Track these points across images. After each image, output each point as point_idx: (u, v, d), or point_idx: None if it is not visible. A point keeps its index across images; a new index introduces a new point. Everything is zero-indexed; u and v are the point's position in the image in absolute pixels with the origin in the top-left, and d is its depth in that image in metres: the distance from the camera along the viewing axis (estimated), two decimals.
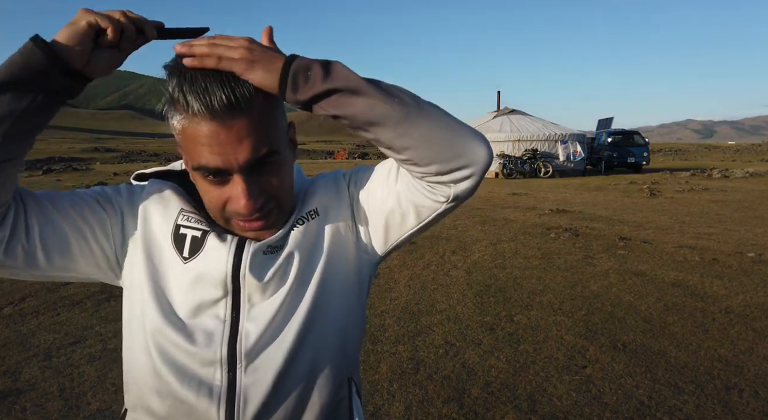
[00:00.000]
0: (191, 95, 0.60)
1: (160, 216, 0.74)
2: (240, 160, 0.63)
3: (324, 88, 0.60)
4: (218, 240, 0.71)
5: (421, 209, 0.73)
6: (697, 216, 7.89)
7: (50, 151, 44.63)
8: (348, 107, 0.61)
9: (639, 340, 3.12)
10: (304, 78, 0.60)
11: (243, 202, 0.65)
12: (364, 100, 0.61)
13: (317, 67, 0.60)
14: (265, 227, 0.70)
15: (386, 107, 0.61)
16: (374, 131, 0.63)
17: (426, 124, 0.63)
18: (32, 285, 4.31)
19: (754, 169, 16.45)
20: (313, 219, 0.76)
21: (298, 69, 0.60)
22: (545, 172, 17.09)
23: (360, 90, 0.60)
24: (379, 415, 2.34)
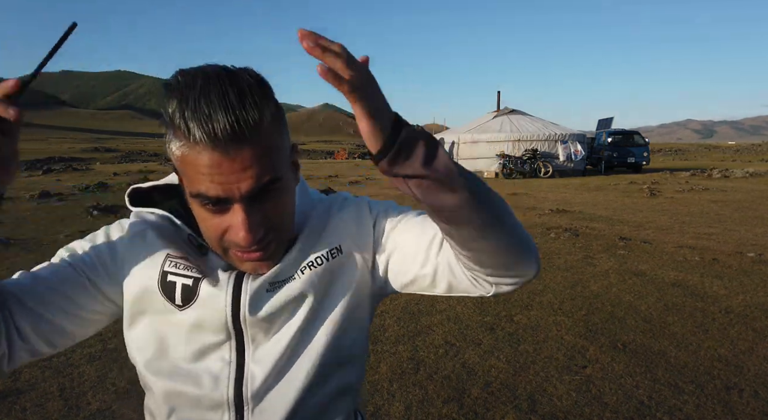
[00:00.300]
0: (193, 122, 0.56)
1: (146, 264, 0.70)
2: (242, 190, 0.60)
3: (421, 173, 0.54)
4: (212, 286, 0.69)
5: (455, 289, 0.72)
6: (697, 216, 7.89)
7: (50, 151, 44.62)
8: (435, 198, 0.56)
9: (639, 340, 3.12)
10: (405, 154, 0.53)
11: (242, 233, 0.62)
12: (454, 198, 0.55)
13: (422, 147, 0.53)
14: (264, 258, 0.67)
15: (472, 213, 0.57)
16: (451, 227, 0.60)
17: (499, 237, 0.61)
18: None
19: (754, 169, 16.45)
20: (334, 258, 0.73)
21: (404, 142, 0.53)
22: (545, 172, 17.10)
23: (455, 187, 0.55)
24: (379, 415, 2.34)
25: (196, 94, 0.56)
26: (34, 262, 0.73)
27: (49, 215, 8.33)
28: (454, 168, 0.54)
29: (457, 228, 0.59)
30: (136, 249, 0.71)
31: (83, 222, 7.72)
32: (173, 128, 0.59)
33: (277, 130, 0.63)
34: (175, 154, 0.61)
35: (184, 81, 0.58)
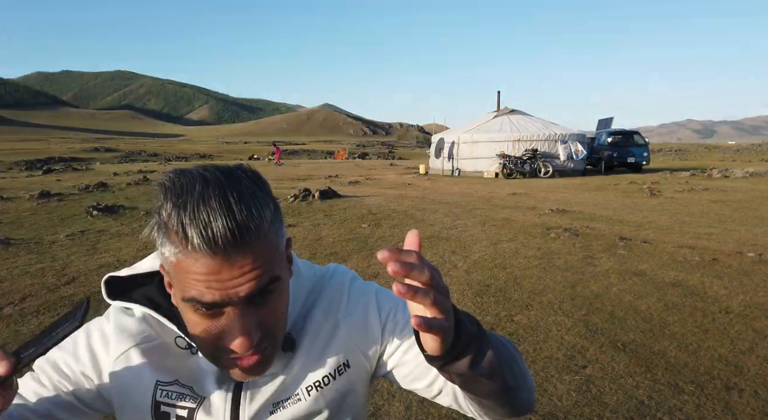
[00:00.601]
0: (192, 229, 0.53)
1: (135, 389, 0.68)
2: (240, 295, 0.57)
3: (467, 373, 0.55)
4: (208, 415, 0.66)
5: (457, 408, 0.73)
6: (697, 216, 7.89)
7: (50, 151, 44.62)
8: (476, 386, 0.58)
9: (639, 340, 3.12)
10: (459, 358, 0.54)
11: (239, 339, 0.58)
12: (494, 385, 0.58)
13: (471, 350, 0.54)
14: (258, 363, 0.62)
15: (507, 392, 0.60)
16: (480, 401, 0.62)
17: (516, 402, 0.64)
18: (32, 285, 4.31)
19: (754, 169, 16.45)
20: (342, 375, 0.71)
21: (461, 349, 0.54)
22: (545, 172, 17.10)
23: (496, 378, 0.57)
24: (379, 415, 2.34)
25: (195, 200, 0.54)
26: (34, 262, 0.72)
27: (49, 215, 8.33)
28: (496, 363, 0.56)
29: (483, 401, 0.62)
30: (122, 372, 0.68)
31: (83, 222, 7.72)
32: (168, 232, 0.56)
33: (275, 229, 0.61)
34: (168, 258, 0.58)
35: (181, 184, 0.56)
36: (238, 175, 0.58)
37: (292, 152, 50.85)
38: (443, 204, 9.66)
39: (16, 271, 4.77)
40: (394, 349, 0.74)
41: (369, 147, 72.91)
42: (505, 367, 0.59)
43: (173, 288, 0.61)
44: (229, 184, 0.56)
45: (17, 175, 20.30)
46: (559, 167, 17.70)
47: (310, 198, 9.88)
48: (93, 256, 5.45)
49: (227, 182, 0.56)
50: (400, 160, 39.20)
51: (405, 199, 10.43)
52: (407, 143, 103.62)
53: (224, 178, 0.56)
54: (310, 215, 8.09)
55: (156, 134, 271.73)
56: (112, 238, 6.54)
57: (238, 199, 0.55)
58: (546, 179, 16.48)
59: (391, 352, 0.74)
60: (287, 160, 38.61)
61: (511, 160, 17.41)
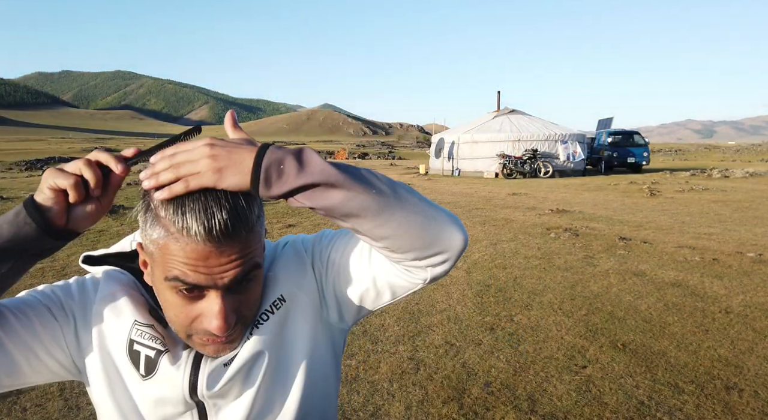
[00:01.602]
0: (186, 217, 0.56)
1: (114, 327, 0.69)
2: (225, 280, 0.60)
3: (299, 183, 0.56)
4: (171, 363, 0.68)
5: (397, 289, 0.73)
6: (697, 216, 7.89)
7: (50, 151, 44.64)
8: (324, 200, 0.58)
9: (639, 340, 3.12)
10: (277, 173, 0.55)
11: (217, 323, 0.61)
12: (341, 193, 0.57)
13: (290, 160, 0.56)
14: (227, 342, 0.66)
15: (364, 198, 0.58)
16: (352, 222, 0.61)
17: (403, 213, 0.61)
18: (32, 285, 4.30)
19: (754, 169, 16.45)
20: (279, 309, 0.72)
21: (270, 164, 0.55)
22: (545, 172, 17.10)
23: (336, 183, 0.57)
24: (379, 415, 2.34)
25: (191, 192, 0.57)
26: None
27: None
28: (329, 167, 0.57)
29: (356, 221, 0.60)
30: (106, 309, 0.70)
31: None
32: (158, 216, 0.59)
33: (261, 221, 0.64)
34: (155, 240, 0.60)
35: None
36: None
37: None
38: (443, 204, 9.67)
39: None
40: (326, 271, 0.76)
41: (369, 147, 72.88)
42: (346, 172, 0.58)
43: (153, 268, 0.63)
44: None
45: (17, 175, 20.30)
46: (559, 167, 17.71)
47: None
48: None
49: None
50: (400, 160, 39.22)
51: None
52: (407, 143, 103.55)
53: None
54: (310, 215, 8.09)
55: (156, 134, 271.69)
56: (112, 238, 6.53)
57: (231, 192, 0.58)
58: (546, 179, 16.49)
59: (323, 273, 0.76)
60: None
61: (511, 160, 17.41)
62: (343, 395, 2.50)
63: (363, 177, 0.59)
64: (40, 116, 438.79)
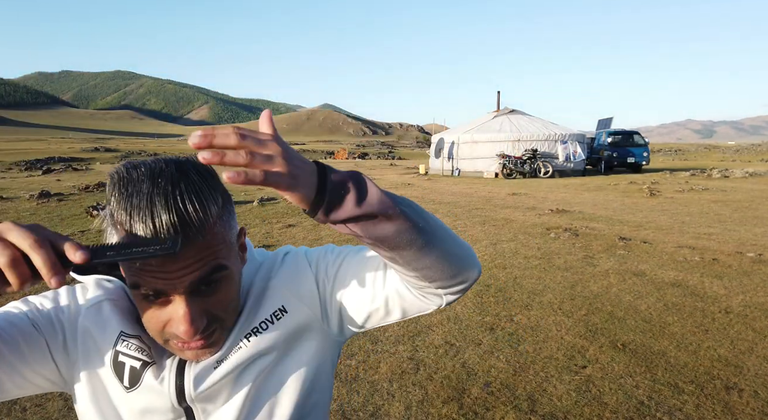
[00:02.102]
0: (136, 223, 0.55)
1: (100, 339, 0.69)
2: (185, 284, 0.59)
3: (357, 213, 0.53)
4: (155, 373, 0.68)
5: (409, 311, 0.74)
6: (696, 216, 7.89)
7: (50, 151, 44.62)
8: (376, 231, 0.56)
9: (639, 340, 3.12)
10: (338, 199, 0.53)
11: (184, 327, 0.60)
12: (394, 226, 0.56)
13: (351, 188, 0.53)
14: (205, 347, 0.65)
15: (413, 232, 0.58)
16: (395, 253, 0.60)
17: (442, 246, 0.63)
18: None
19: (754, 169, 16.46)
20: (279, 320, 0.72)
21: (333, 188, 0.52)
22: (545, 172, 17.10)
23: (393, 215, 0.55)
24: (379, 415, 2.34)
25: (141, 194, 0.55)
26: None
27: (49, 215, 8.32)
28: (386, 199, 0.55)
29: (400, 252, 0.60)
30: (92, 320, 0.69)
31: (83, 222, 7.72)
32: (115, 224, 0.58)
33: (223, 222, 0.62)
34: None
35: (129, 177, 0.57)
36: (187, 169, 0.59)
37: None
38: (443, 204, 9.67)
39: None
40: (331, 286, 0.75)
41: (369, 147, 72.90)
42: (400, 204, 0.57)
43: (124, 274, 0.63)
44: (176, 179, 0.57)
45: (17, 175, 20.30)
46: (559, 167, 17.71)
47: None
48: None
49: (175, 177, 0.57)
50: (400, 160, 39.22)
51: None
52: (407, 143, 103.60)
53: (172, 173, 0.57)
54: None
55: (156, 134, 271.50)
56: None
57: (182, 194, 0.56)
58: (546, 179, 16.49)
59: (329, 289, 0.76)
60: None
61: (511, 160, 17.41)
62: (343, 395, 2.51)
63: (414, 209, 0.60)
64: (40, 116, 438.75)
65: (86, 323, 0.69)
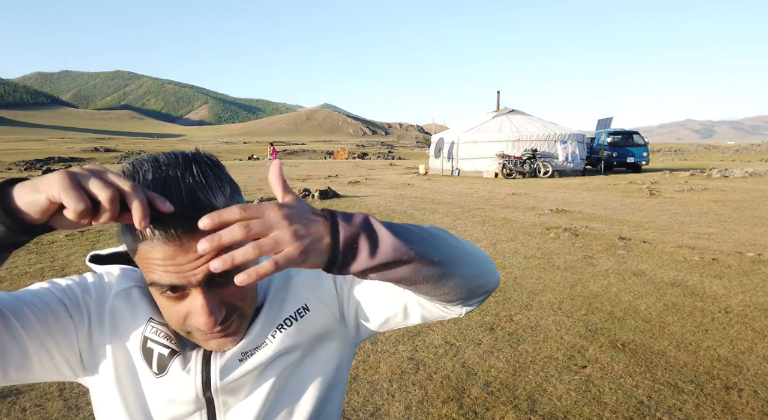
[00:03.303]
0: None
1: (129, 324, 0.70)
2: (199, 277, 0.59)
3: (372, 264, 0.53)
4: (182, 364, 0.69)
5: (428, 317, 0.75)
6: (696, 216, 7.90)
7: (50, 151, 44.59)
8: (393, 275, 0.57)
9: (638, 339, 3.12)
10: (352, 254, 0.52)
11: (203, 319, 0.61)
12: (410, 267, 0.56)
13: (363, 239, 0.53)
14: (227, 336, 0.67)
15: (430, 269, 0.58)
16: (411, 287, 0.62)
17: (458, 274, 0.63)
18: (32, 284, 4.31)
19: (754, 169, 16.46)
20: (302, 317, 0.74)
21: (346, 245, 0.52)
22: (545, 172, 17.10)
23: (408, 259, 0.56)
24: (379, 415, 2.34)
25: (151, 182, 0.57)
26: (34, 262, 0.72)
27: None
28: (399, 244, 0.54)
29: (418, 286, 0.61)
30: (120, 306, 0.70)
31: None
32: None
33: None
34: (129, 247, 0.61)
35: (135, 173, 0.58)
36: (191, 162, 0.60)
37: (292, 152, 50.84)
38: (443, 204, 9.67)
39: (15, 271, 4.77)
40: (349, 288, 0.77)
41: (369, 147, 72.92)
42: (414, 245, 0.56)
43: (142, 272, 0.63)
44: (183, 172, 0.58)
45: (17, 176, 20.29)
46: (558, 167, 17.71)
47: (309, 198, 9.88)
48: None
49: (181, 170, 0.58)
50: (399, 160, 39.22)
51: (405, 199, 10.44)
52: (407, 143, 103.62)
53: (178, 166, 0.59)
54: None
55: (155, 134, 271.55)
56: (111, 237, 6.53)
57: (188, 186, 0.57)
58: (545, 179, 16.49)
59: (348, 292, 0.77)
60: (287, 160, 38.61)
61: (510, 160, 17.41)
62: None
63: (429, 244, 0.59)
64: (40, 116, 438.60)
65: (116, 306, 0.70)
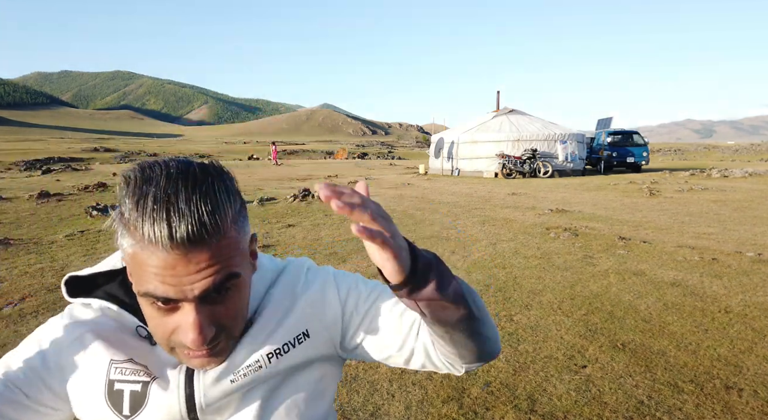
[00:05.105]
0: (151, 224, 0.53)
1: (89, 374, 0.67)
2: (196, 292, 0.57)
3: (435, 297, 0.56)
4: (162, 388, 0.67)
5: (427, 367, 0.78)
6: (696, 216, 7.89)
7: (49, 152, 44.57)
8: (441, 313, 0.59)
9: (638, 339, 3.12)
10: (423, 282, 0.55)
11: (192, 336, 0.58)
12: (457, 313, 0.60)
13: (435, 273, 0.56)
14: (211, 355, 0.64)
15: (469, 321, 0.63)
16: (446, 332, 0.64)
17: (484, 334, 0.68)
18: (31, 285, 4.31)
19: (754, 169, 16.46)
20: (301, 343, 0.73)
21: (423, 272, 0.55)
22: (545, 171, 17.10)
23: (461, 303, 0.60)
24: (379, 415, 2.34)
25: (156, 194, 0.54)
26: (34, 262, 0.72)
27: (48, 215, 8.32)
28: (460, 289, 0.60)
29: (452, 334, 0.64)
30: (75, 357, 0.68)
31: (83, 222, 7.72)
32: (127, 225, 0.56)
33: (238, 227, 0.60)
34: (126, 250, 0.58)
35: (144, 177, 0.56)
36: (203, 171, 0.58)
37: (292, 152, 50.82)
38: (443, 204, 9.67)
39: (15, 271, 4.77)
40: (359, 320, 0.77)
41: (369, 147, 72.91)
42: (467, 295, 0.62)
43: (132, 280, 0.61)
44: (192, 180, 0.56)
45: (16, 175, 20.28)
46: (558, 167, 17.71)
47: (309, 198, 9.89)
48: (92, 257, 5.44)
49: (191, 178, 0.56)
50: (399, 160, 39.22)
51: (404, 199, 10.43)
52: (407, 143, 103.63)
53: (188, 174, 0.56)
54: (309, 215, 8.09)
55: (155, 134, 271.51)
56: (111, 238, 6.53)
57: (200, 195, 0.55)
58: (545, 179, 16.49)
59: (357, 323, 0.77)
60: (287, 160, 38.61)
61: (510, 160, 17.41)
62: (343, 395, 2.51)
63: (473, 297, 0.64)
64: (40, 116, 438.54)
65: (70, 360, 0.68)
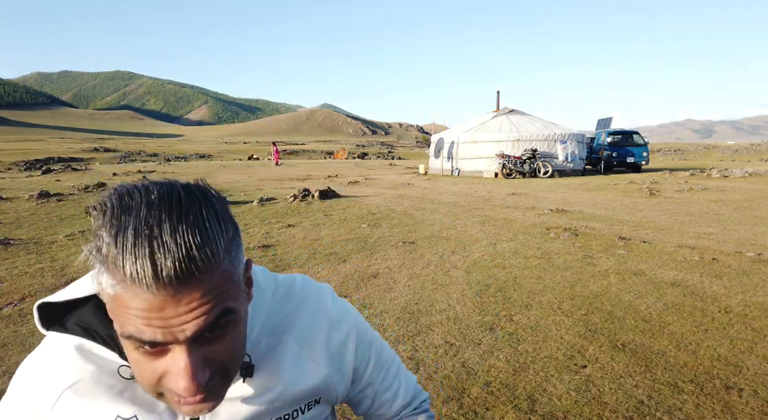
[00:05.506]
0: (131, 261, 0.46)
1: None
2: (187, 333, 0.50)
3: None
4: None
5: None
6: (696, 216, 7.89)
7: (49, 152, 44.56)
8: None
9: (638, 339, 3.12)
10: None
11: (184, 384, 0.51)
12: None
13: None
14: (204, 402, 0.55)
15: None
16: None
17: None
18: (31, 285, 4.30)
19: (754, 169, 16.46)
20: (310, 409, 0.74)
21: None
22: (545, 171, 17.10)
23: None
24: None
25: (137, 226, 0.46)
26: (34, 262, 0.72)
27: (48, 215, 8.32)
28: None
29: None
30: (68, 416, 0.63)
31: (83, 222, 7.71)
32: (105, 261, 0.48)
33: (232, 257, 0.53)
34: (105, 290, 0.50)
35: (122, 205, 0.48)
36: (189, 196, 0.51)
37: (292, 152, 50.81)
38: (443, 204, 9.67)
39: (15, 271, 4.77)
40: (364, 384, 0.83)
41: (368, 147, 72.91)
42: None
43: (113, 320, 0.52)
44: (178, 208, 0.49)
45: (16, 175, 20.29)
46: (558, 167, 17.72)
47: (309, 198, 9.88)
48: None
49: (175, 205, 0.49)
50: (399, 160, 39.22)
51: (404, 199, 10.43)
52: (406, 143, 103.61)
53: (173, 200, 0.49)
54: (309, 215, 8.09)
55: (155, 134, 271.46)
56: None
57: (187, 225, 0.48)
58: (545, 179, 16.49)
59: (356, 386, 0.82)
60: (286, 160, 38.61)
61: (510, 160, 17.41)
62: None
63: None
64: (40, 116, 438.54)
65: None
